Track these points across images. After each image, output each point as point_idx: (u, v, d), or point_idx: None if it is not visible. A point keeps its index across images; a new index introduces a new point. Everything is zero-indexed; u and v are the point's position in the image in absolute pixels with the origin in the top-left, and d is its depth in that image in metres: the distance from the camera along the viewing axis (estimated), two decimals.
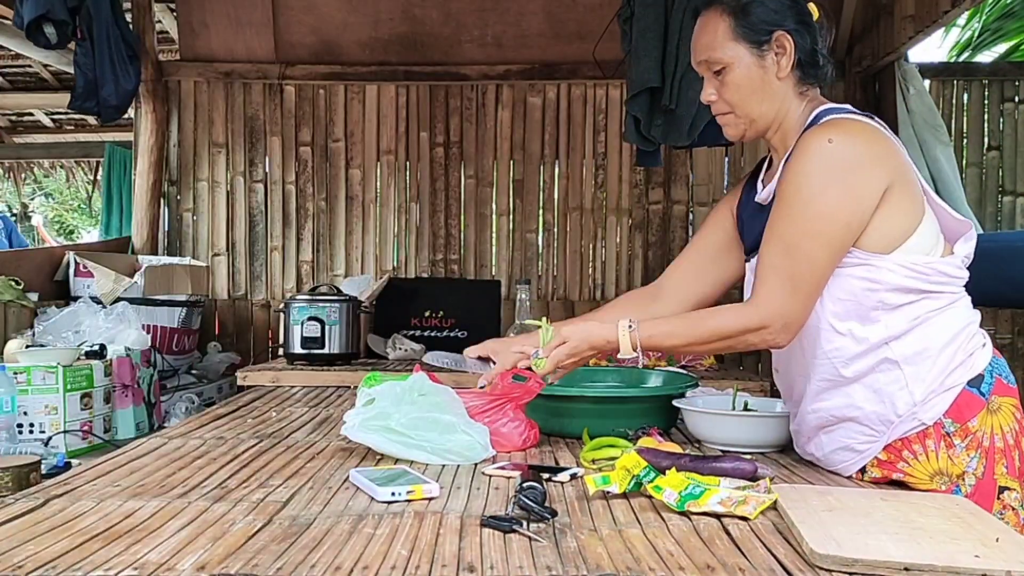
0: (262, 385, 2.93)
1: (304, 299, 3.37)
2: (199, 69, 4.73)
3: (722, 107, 1.64)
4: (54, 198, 13.64)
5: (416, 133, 4.75)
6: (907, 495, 1.42)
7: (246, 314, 4.75)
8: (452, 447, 1.64)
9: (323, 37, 4.73)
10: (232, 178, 4.78)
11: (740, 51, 1.58)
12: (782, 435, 1.76)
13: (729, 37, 1.58)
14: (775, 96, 1.60)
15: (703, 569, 1.04)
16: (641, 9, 3.37)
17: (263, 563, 1.06)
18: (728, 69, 1.59)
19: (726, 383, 2.81)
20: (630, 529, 1.21)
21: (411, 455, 1.64)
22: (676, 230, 4.74)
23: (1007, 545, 1.12)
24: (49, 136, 8.25)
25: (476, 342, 1.87)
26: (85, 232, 12.82)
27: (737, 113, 1.62)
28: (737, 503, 1.27)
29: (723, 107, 1.63)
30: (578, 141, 4.72)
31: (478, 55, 4.69)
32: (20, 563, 1.05)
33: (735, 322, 1.56)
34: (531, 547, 1.13)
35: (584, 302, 4.72)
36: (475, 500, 1.37)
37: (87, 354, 3.08)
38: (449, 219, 4.77)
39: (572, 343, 1.68)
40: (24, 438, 2.74)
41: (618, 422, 1.83)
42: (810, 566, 1.05)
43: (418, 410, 1.67)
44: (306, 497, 1.38)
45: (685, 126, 3.32)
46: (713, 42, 1.60)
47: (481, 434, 1.68)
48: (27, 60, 6.31)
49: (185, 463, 1.63)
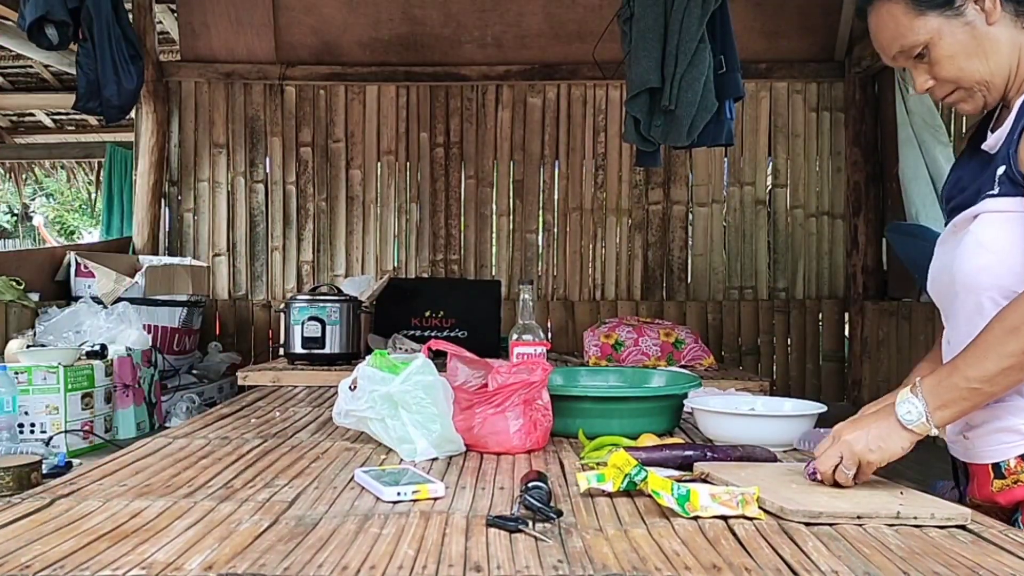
0: (263, 385, 2.93)
1: (304, 299, 3.37)
2: (200, 70, 4.73)
3: (944, 88, 1.44)
4: (55, 198, 13.62)
5: (416, 133, 4.76)
6: (758, 466, 1.52)
7: (247, 314, 4.75)
8: (401, 435, 1.67)
9: (323, 38, 4.73)
10: (233, 178, 4.79)
11: (932, 22, 1.39)
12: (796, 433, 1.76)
13: (912, 14, 1.40)
14: (998, 45, 1.39)
15: (709, 569, 1.04)
16: (641, 10, 3.37)
17: (270, 563, 1.06)
18: (930, 47, 1.40)
19: (726, 383, 2.82)
20: (636, 529, 1.21)
21: (370, 427, 1.72)
22: (676, 230, 4.75)
23: (911, 496, 1.33)
24: (50, 136, 8.25)
25: (476, 342, 1.86)
26: (86, 232, 12.81)
27: (964, 85, 1.42)
28: (740, 502, 1.27)
29: (945, 88, 1.44)
30: (578, 141, 4.73)
31: (478, 55, 4.70)
32: (27, 563, 1.06)
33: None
34: (537, 547, 1.13)
35: (584, 302, 4.73)
36: (480, 500, 1.37)
37: (88, 354, 3.09)
38: (449, 219, 4.77)
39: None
40: (25, 438, 2.75)
41: (620, 422, 1.83)
42: (814, 565, 1.06)
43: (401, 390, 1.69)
44: (312, 497, 1.38)
45: (684, 126, 3.33)
46: (898, 29, 1.42)
47: (434, 435, 1.67)
48: (28, 60, 6.32)
49: (190, 463, 1.63)
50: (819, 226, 4.74)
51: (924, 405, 1.33)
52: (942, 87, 1.44)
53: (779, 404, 1.91)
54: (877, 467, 1.36)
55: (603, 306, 4.70)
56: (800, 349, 4.73)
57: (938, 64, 1.41)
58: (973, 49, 1.38)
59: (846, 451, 1.35)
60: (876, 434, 1.35)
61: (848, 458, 1.35)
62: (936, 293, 1.54)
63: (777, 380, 4.66)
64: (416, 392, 1.68)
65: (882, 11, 1.43)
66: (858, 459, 1.35)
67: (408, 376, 1.68)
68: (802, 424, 1.78)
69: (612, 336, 3.43)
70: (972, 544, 1.16)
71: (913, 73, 1.46)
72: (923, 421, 1.32)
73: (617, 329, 3.47)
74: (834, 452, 1.36)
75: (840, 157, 4.67)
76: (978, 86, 1.41)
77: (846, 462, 1.35)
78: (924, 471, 1.86)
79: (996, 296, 1.37)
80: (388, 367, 1.74)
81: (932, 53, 1.40)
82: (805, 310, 4.72)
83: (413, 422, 1.68)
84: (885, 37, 1.44)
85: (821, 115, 4.70)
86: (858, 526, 1.22)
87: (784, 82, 4.68)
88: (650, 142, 3.48)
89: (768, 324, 4.72)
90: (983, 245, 1.39)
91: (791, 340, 4.73)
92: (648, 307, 4.68)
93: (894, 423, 1.34)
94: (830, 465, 1.36)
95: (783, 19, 4.68)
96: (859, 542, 1.15)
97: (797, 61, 4.66)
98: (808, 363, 4.72)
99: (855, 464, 1.35)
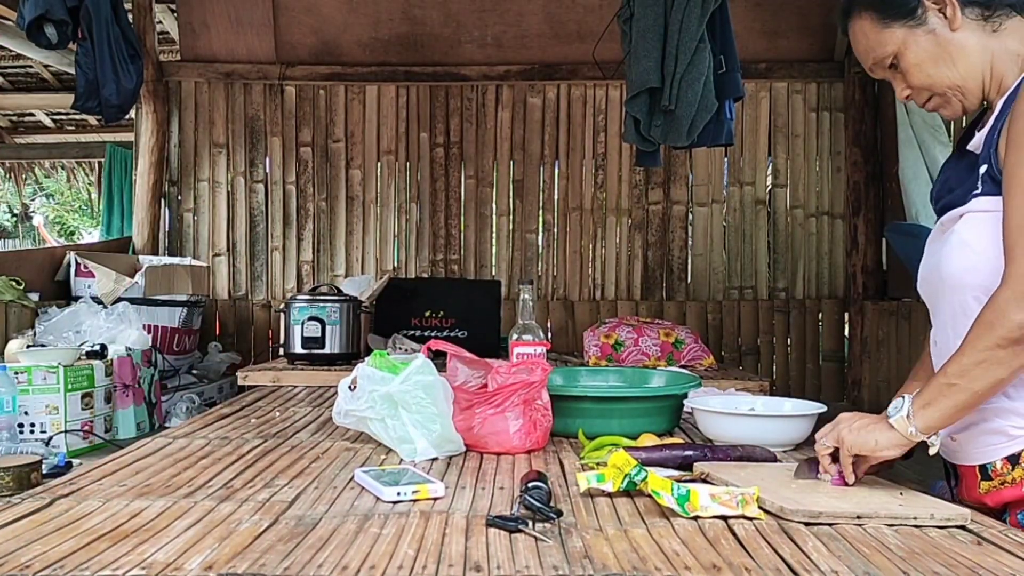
0: (263, 385, 2.93)
1: (304, 299, 3.37)
2: (200, 69, 4.73)
3: (921, 95, 1.49)
4: (55, 199, 13.62)
5: (416, 133, 4.76)
6: (757, 466, 1.54)
7: (247, 314, 4.75)
8: (401, 435, 1.67)
9: (323, 38, 4.73)
10: (233, 178, 4.79)
11: (897, 33, 1.44)
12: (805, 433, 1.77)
13: (879, 28, 1.46)
14: (964, 51, 1.42)
15: (709, 569, 1.04)
16: (641, 10, 3.37)
17: (270, 562, 1.06)
18: (899, 56, 1.46)
19: (726, 383, 2.82)
20: (636, 529, 1.21)
21: (370, 427, 1.72)
22: (675, 230, 4.75)
23: (911, 497, 1.35)
24: (50, 136, 8.25)
25: (476, 342, 1.86)
26: (86, 232, 12.81)
27: (937, 92, 1.46)
28: (740, 502, 1.27)
29: (922, 95, 1.48)
30: (578, 141, 4.73)
31: (478, 55, 4.70)
32: (28, 563, 1.06)
33: (1014, 310, 1.28)
34: (537, 547, 1.13)
35: (584, 302, 4.73)
36: (480, 500, 1.37)
37: (88, 354, 3.09)
38: (449, 219, 4.77)
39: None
40: (25, 438, 2.75)
41: (620, 422, 1.83)
42: (814, 565, 1.06)
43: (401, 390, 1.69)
44: (312, 497, 1.38)
45: (684, 126, 3.33)
46: (868, 43, 1.49)
47: (434, 435, 1.67)
48: (28, 60, 6.32)
49: (190, 463, 1.63)
50: (819, 226, 4.74)
51: (909, 402, 1.36)
52: (919, 94, 1.49)
53: (779, 404, 1.91)
54: (856, 452, 1.39)
55: (603, 306, 4.70)
56: (800, 349, 4.73)
57: (908, 72, 1.47)
58: (939, 56, 1.43)
59: (833, 430, 1.43)
60: (863, 423, 1.40)
61: (831, 436, 1.42)
62: (925, 293, 1.55)
63: (777, 380, 4.66)
64: (416, 392, 1.68)
65: (855, 27, 1.51)
66: (839, 437, 1.40)
67: (408, 376, 1.68)
68: (802, 424, 1.78)
69: (612, 336, 3.43)
70: (972, 544, 1.16)
71: (892, 82, 1.51)
72: (903, 416, 1.35)
73: (617, 329, 3.47)
74: (828, 429, 1.44)
75: (840, 157, 4.67)
76: (951, 91, 1.45)
77: (827, 438, 1.42)
78: (924, 471, 1.86)
79: (980, 296, 1.37)
80: (388, 367, 1.74)
81: (902, 63, 1.46)
82: (805, 310, 4.72)
83: (413, 422, 1.68)
84: (860, 50, 1.52)
85: (821, 115, 4.70)
86: (858, 526, 1.23)
87: (784, 82, 4.68)
88: (650, 142, 3.48)
89: (768, 324, 4.72)
90: (968, 245, 1.40)
91: (791, 340, 4.73)
92: (648, 307, 4.68)
93: (881, 417, 1.40)
94: (826, 445, 1.43)
95: (783, 19, 4.68)
96: (859, 542, 1.15)
97: (797, 61, 4.66)
98: (808, 363, 4.72)
99: (835, 441, 1.41)
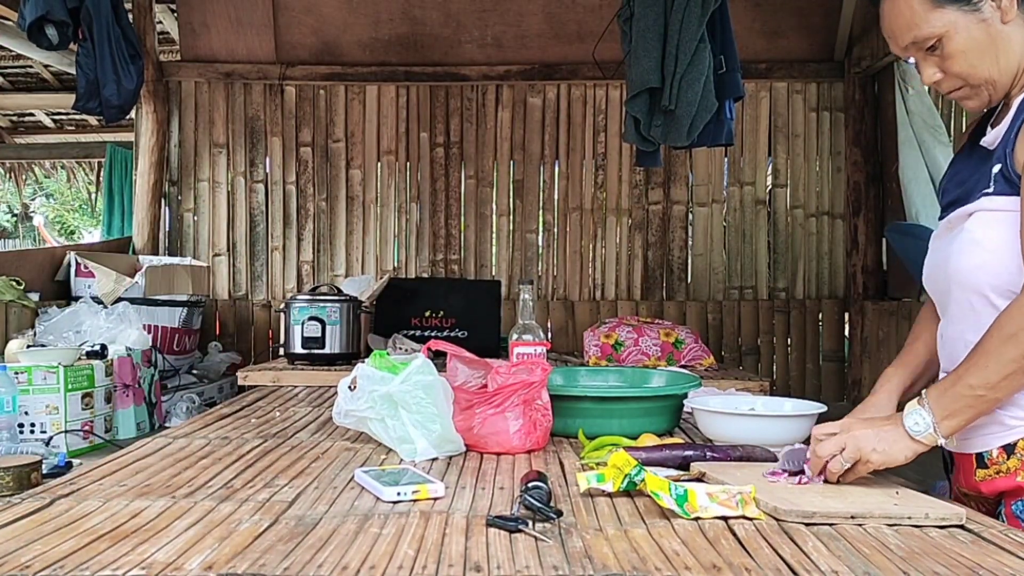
0: (263, 385, 2.93)
1: (304, 299, 3.37)
2: (200, 69, 4.74)
3: (952, 83, 1.42)
4: (55, 199, 13.63)
5: (416, 133, 4.76)
6: (754, 466, 1.53)
7: (247, 314, 4.76)
8: (401, 435, 1.67)
9: (323, 38, 4.73)
10: (233, 178, 4.79)
11: (949, 15, 1.36)
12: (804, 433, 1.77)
13: (930, 5, 1.37)
14: (1010, 45, 1.37)
15: (709, 569, 1.04)
16: (641, 10, 3.38)
17: (270, 562, 1.06)
18: (945, 40, 1.37)
19: (726, 383, 2.82)
20: (636, 529, 1.21)
21: (370, 427, 1.72)
22: (676, 230, 4.75)
23: (907, 496, 1.33)
24: (50, 136, 8.25)
25: (476, 342, 1.86)
26: (86, 232, 12.82)
27: (972, 83, 1.40)
28: (739, 502, 1.27)
29: (953, 83, 1.42)
30: (578, 141, 4.73)
31: (478, 56, 4.71)
32: (27, 563, 1.06)
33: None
34: (537, 547, 1.13)
35: (584, 302, 4.73)
36: (480, 500, 1.37)
37: (88, 354, 3.09)
38: (449, 219, 4.77)
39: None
40: (25, 438, 2.75)
41: (620, 422, 1.83)
42: (815, 565, 1.06)
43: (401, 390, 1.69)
44: (312, 497, 1.38)
45: (684, 126, 3.33)
46: (913, 19, 1.39)
47: (434, 435, 1.67)
48: (28, 61, 6.32)
49: (190, 463, 1.63)
50: (819, 226, 4.74)
51: (931, 416, 1.34)
52: (950, 81, 1.42)
53: (779, 404, 1.91)
54: (874, 468, 1.36)
55: (603, 306, 4.70)
56: (800, 349, 4.73)
57: (951, 59, 1.39)
58: (986, 46, 1.37)
59: (851, 444, 1.36)
60: (884, 437, 1.35)
61: (850, 451, 1.35)
62: (931, 288, 1.55)
63: (777, 380, 4.66)
64: (416, 392, 1.68)
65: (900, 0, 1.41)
66: (859, 455, 1.35)
67: (408, 376, 1.68)
68: (802, 424, 1.78)
69: (612, 336, 3.43)
70: (972, 544, 1.16)
71: (922, 65, 1.44)
72: (931, 432, 1.34)
73: (617, 329, 3.47)
74: (838, 441, 1.37)
75: (840, 157, 4.67)
76: (985, 84, 1.40)
77: (846, 454, 1.35)
78: (923, 471, 1.86)
79: (990, 294, 1.38)
80: (388, 367, 1.74)
81: (945, 47, 1.38)
82: (805, 310, 4.72)
83: (413, 422, 1.68)
84: (899, 26, 1.42)
85: (821, 115, 4.70)
86: (858, 526, 1.23)
87: (784, 82, 4.68)
88: (650, 142, 3.48)
89: (768, 324, 4.72)
90: (978, 243, 1.39)
91: (791, 340, 4.73)
92: (648, 307, 4.68)
93: (902, 432, 1.35)
94: (829, 452, 1.37)
95: (783, 19, 4.68)
96: (859, 542, 1.15)
97: (797, 61, 4.66)
98: (808, 363, 4.72)
99: (854, 459, 1.35)
